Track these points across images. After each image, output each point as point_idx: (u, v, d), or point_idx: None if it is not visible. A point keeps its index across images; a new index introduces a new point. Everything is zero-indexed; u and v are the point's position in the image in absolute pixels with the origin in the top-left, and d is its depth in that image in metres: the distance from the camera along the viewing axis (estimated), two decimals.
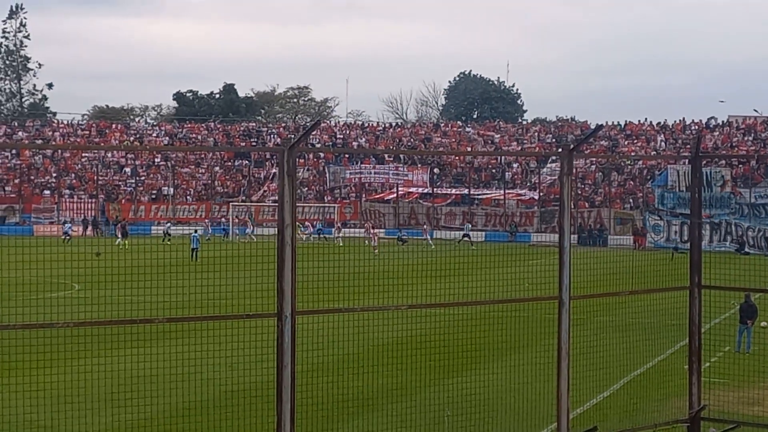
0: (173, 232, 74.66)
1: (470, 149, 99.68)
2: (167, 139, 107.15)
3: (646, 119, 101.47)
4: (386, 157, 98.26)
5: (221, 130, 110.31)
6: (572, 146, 15.33)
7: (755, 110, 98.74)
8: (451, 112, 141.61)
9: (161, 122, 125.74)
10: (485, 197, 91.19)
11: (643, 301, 24.82)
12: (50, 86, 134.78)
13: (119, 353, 19.92)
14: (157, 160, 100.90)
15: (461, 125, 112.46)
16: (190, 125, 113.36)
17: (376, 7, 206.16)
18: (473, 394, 18.85)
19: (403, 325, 18.81)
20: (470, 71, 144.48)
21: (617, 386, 22.58)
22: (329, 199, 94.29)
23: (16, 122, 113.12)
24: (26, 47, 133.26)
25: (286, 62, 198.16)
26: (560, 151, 15.29)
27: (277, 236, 13.02)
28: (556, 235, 15.39)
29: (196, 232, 61.14)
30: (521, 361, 23.20)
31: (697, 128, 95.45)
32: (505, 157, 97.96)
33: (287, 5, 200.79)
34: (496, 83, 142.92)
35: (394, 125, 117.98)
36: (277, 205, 13.33)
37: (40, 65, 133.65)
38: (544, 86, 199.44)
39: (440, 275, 20.37)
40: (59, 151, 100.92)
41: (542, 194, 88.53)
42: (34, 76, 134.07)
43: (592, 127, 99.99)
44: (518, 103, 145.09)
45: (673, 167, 72.79)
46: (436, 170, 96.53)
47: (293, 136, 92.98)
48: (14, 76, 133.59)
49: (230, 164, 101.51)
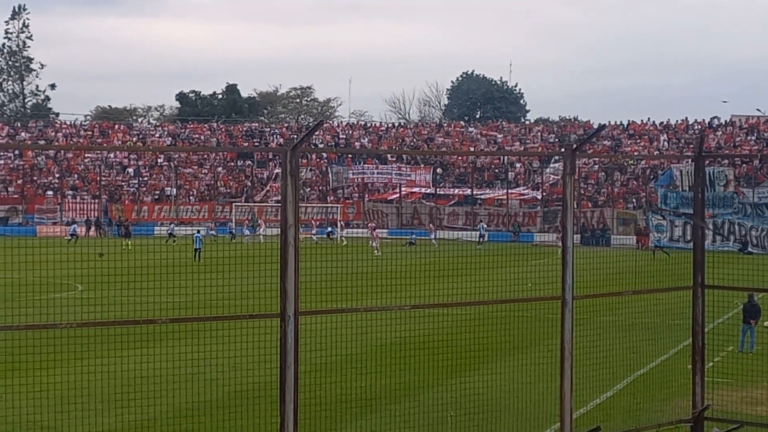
0: (177, 232, 74.71)
1: (473, 149, 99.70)
2: (170, 139, 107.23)
3: (649, 119, 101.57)
4: (389, 157, 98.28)
5: (224, 130, 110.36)
6: (575, 146, 15.34)
7: (758, 110, 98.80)
8: (453, 112, 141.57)
9: (164, 123, 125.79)
10: (488, 197, 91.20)
11: (646, 300, 24.81)
12: (53, 87, 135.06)
13: (122, 354, 19.93)
14: (159, 160, 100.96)
15: (464, 125, 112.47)
16: (192, 126, 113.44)
17: (378, 7, 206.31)
18: (476, 394, 18.84)
19: (406, 325, 18.78)
20: (473, 71, 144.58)
21: (620, 386, 22.57)
22: (332, 199, 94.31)
23: (19, 123, 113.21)
24: (29, 48, 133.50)
25: (288, 62, 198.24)
26: (563, 150, 15.29)
27: (280, 236, 13.02)
28: (559, 234, 15.39)
29: (198, 232, 61.05)
30: (524, 361, 23.20)
31: (700, 128, 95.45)
32: (507, 157, 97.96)
33: (290, 5, 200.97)
34: (498, 83, 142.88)
35: (396, 125, 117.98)
36: (280, 205, 13.32)
37: (42, 66, 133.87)
38: (546, 86, 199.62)
39: (443, 275, 20.34)
40: (62, 151, 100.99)
41: (545, 194, 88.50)
42: (36, 76, 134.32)
43: (594, 126, 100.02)
44: (521, 103, 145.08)
45: (676, 167, 72.71)
46: (438, 170, 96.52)
47: (296, 136, 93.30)
48: (17, 76, 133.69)
49: (233, 165, 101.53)
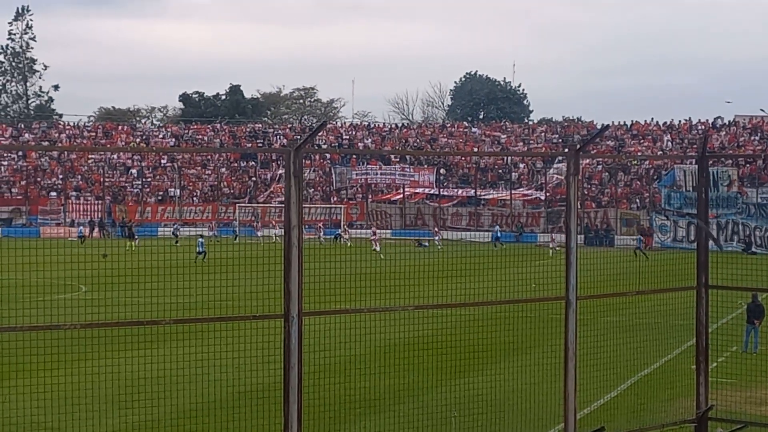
0: (181, 233, 74.66)
1: (476, 150, 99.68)
2: (173, 140, 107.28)
3: (652, 119, 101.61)
4: (392, 157, 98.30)
5: (227, 131, 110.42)
6: (579, 146, 15.35)
7: (762, 110, 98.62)
8: (457, 112, 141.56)
9: (167, 124, 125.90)
10: (491, 198, 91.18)
11: (650, 301, 24.80)
12: (56, 88, 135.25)
13: (126, 355, 19.92)
14: (163, 161, 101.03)
15: (467, 126, 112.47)
16: (196, 126, 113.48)
17: (381, 7, 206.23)
18: (480, 394, 18.83)
19: (409, 325, 18.77)
20: (476, 72, 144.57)
21: (624, 386, 22.56)
22: (335, 200, 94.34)
23: (22, 124, 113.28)
24: (32, 49, 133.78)
25: (292, 63, 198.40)
26: (566, 151, 15.31)
27: (283, 237, 13.00)
28: (562, 235, 15.40)
29: (201, 237, 59.98)
30: (528, 361, 23.19)
31: (703, 128, 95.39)
32: (511, 157, 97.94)
33: (293, 6, 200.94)
34: (502, 83, 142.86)
35: (400, 126, 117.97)
36: (283, 206, 13.32)
37: (46, 67, 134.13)
38: (550, 86, 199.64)
39: (447, 276, 20.35)
40: (65, 152, 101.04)
41: (548, 194, 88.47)
42: (40, 77, 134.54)
43: (598, 127, 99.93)
44: (524, 103, 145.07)
45: (679, 167, 72.65)
46: (442, 171, 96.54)
47: (299, 137, 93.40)
48: (20, 78, 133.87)
49: (236, 165, 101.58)
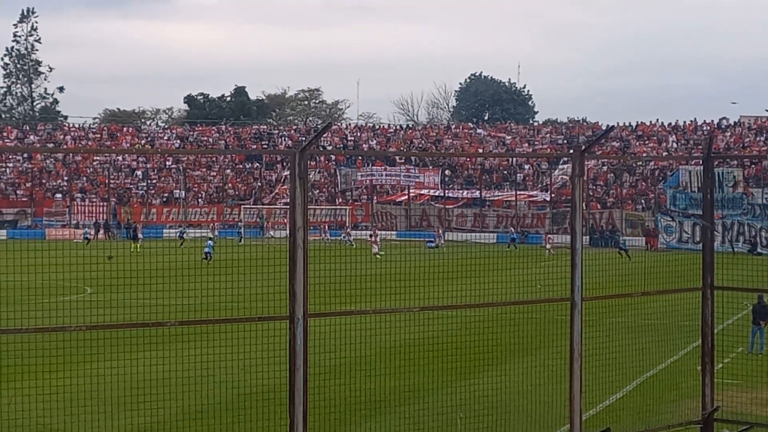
0: (188, 235, 74.73)
1: (481, 151, 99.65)
2: (178, 142, 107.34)
3: (657, 120, 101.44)
4: (397, 159, 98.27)
5: (232, 132, 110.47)
6: (584, 147, 15.32)
7: (767, 110, 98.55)
8: (462, 113, 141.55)
9: (172, 125, 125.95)
10: (497, 199, 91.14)
11: (655, 302, 24.75)
12: (61, 90, 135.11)
13: (131, 356, 19.93)
14: (168, 163, 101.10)
15: (472, 127, 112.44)
16: (201, 128, 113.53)
17: (386, 9, 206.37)
18: (486, 396, 18.83)
19: (415, 327, 18.77)
20: (481, 73, 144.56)
21: (630, 387, 22.52)
22: (340, 201, 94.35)
23: (27, 126, 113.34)
24: (37, 51, 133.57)
25: (296, 65, 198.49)
26: (572, 152, 15.27)
27: (288, 238, 13.00)
28: (567, 236, 15.38)
29: (210, 240, 60.21)
30: (534, 362, 23.17)
31: (708, 129, 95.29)
32: (516, 158, 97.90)
33: (298, 8, 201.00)
34: (507, 85, 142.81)
35: (405, 127, 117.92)
36: (288, 207, 13.32)
37: (51, 69, 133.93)
38: (555, 87, 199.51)
39: (452, 277, 20.32)
40: (71, 154, 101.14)
41: (554, 196, 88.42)
42: (45, 79, 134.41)
43: (603, 128, 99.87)
44: (529, 104, 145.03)
45: (684, 168, 72.65)
46: (447, 172, 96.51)
47: (304, 138, 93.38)
48: (25, 80, 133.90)
49: (241, 167, 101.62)
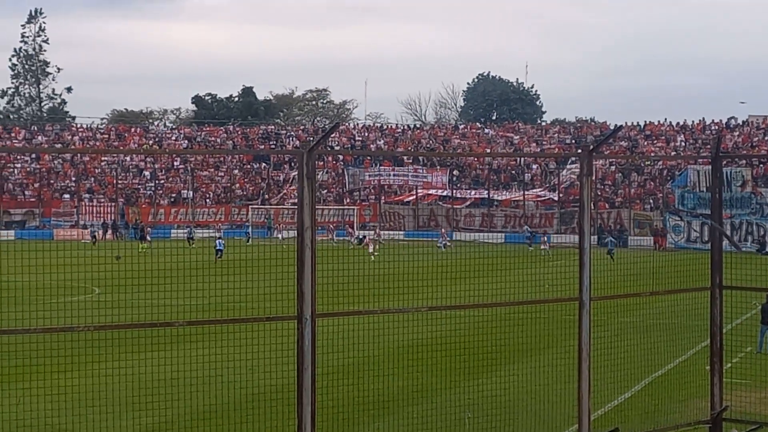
0: (196, 235, 74.88)
1: (489, 151, 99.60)
2: (186, 142, 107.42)
3: (665, 119, 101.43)
4: (405, 159, 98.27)
5: (240, 133, 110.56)
6: (592, 147, 15.28)
7: None
8: (469, 113, 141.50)
9: (180, 125, 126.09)
10: (504, 199, 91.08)
11: (663, 301, 24.70)
12: (69, 90, 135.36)
13: (139, 356, 19.92)
14: (176, 163, 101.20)
15: (480, 127, 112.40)
16: (209, 128, 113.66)
17: (394, 9, 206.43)
18: (494, 396, 18.80)
19: (423, 327, 18.76)
20: (489, 73, 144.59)
21: (638, 387, 22.47)
22: (348, 201, 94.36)
23: (35, 126, 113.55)
24: (45, 51, 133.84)
25: (304, 65, 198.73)
26: (580, 152, 15.23)
27: (296, 239, 12.99)
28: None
29: (220, 238, 61.02)
30: (542, 362, 23.14)
31: (717, 128, 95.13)
32: (524, 158, 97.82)
33: (305, 8, 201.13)
34: (514, 84, 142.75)
35: (412, 127, 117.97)
36: (296, 207, 13.31)
37: (59, 69, 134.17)
38: (563, 87, 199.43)
39: (460, 277, 20.31)
40: (79, 155, 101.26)
41: (562, 195, 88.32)
42: (53, 80, 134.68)
43: (611, 127, 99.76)
44: (537, 104, 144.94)
45: (693, 167, 72.49)
46: (455, 172, 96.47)
47: (312, 138, 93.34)
48: (33, 80, 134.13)
49: (249, 167, 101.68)
